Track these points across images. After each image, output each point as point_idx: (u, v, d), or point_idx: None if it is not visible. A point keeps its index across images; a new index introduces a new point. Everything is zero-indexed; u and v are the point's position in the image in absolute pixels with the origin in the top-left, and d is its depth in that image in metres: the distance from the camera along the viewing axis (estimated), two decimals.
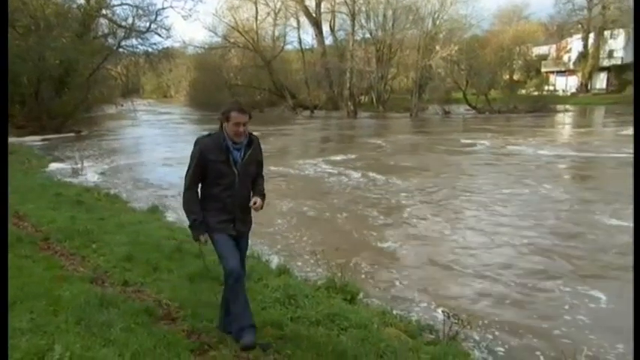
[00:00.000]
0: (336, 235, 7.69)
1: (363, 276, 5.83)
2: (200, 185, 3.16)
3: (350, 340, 3.48)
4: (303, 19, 47.61)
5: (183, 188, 3.15)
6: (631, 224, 7.78)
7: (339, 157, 16.50)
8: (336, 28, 47.04)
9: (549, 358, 4.00)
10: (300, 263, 6.26)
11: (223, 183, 3.07)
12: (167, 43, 33.20)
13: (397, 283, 5.68)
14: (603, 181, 12.48)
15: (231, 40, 47.15)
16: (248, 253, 6.16)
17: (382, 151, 18.76)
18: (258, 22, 47.67)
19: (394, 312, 4.56)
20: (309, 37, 60.58)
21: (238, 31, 45.93)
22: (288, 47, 51.16)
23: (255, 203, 3.13)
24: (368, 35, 44.10)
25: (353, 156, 16.91)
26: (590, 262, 6.36)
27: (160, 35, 29.39)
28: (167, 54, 32.81)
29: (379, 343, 3.45)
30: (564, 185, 11.62)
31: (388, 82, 45.78)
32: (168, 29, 29.44)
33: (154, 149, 19.82)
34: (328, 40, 47.43)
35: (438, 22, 41.66)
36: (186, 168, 3.18)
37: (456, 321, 3.84)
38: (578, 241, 7.27)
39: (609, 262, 6.32)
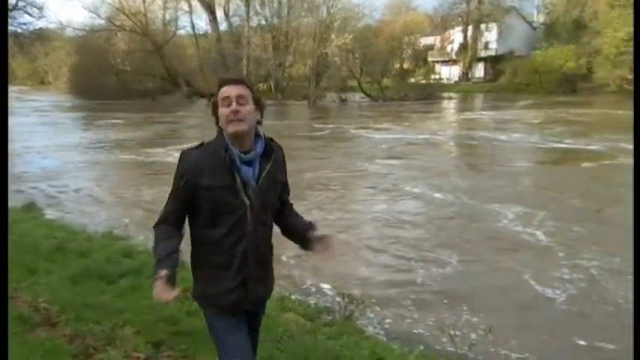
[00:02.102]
0: None
1: None
2: (189, 226, 1.94)
3: None
4: (195, 3, 45.78)
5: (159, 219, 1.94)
6: (435, 193, 9.15)
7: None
8: (230, 13, 45.96)
9: (424, 324, 4.35)
10: None
11: (227, 222, 1.85)
12: (40, 24, 30.17)
13: (292, 265, 5.79)
14: (412, 159, 13.75)
15: (117, 23, 43.91)
16: (142, 249, 5.98)
17: None
18: (147, 4, 44.91)
19: (293, 297, 4.62)
20: (202, 22, 58.55)
21: (124, 13, 42.88)
22: (181, 32, 49.00)
23: (326, 243, 1.92)
24: (263, 22, 43.76)
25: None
26: (445, 234, 7.09)
27: (30, 14, 26.55)
28: (41, 36, 29.84)
29: (277, 328, 3.47)
30: (379, 163, 12.96)
31: (286, 69, 45.85)
32: (40, 8, 26.84)
33: (15, 139, 18.25)
34: (223, 26, 46.25)
35: (332, 11, 42.50)
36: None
37: (351, 301, 4.00)
38: (408, 214, 8.14)
39: (452, 230, 7.17)
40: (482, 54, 51.95)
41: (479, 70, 53.02)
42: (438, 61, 55.57)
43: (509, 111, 28.12)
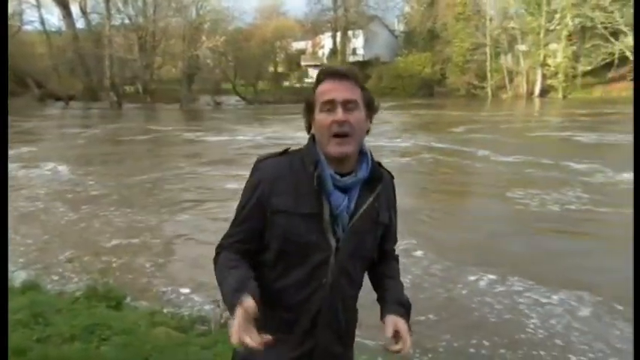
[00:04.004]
0: (73, 235, 7.17)
1: (125, 276, 5.46)
2: (254, 264, 1.42)
3: (112, 349, 3.21)
4: None
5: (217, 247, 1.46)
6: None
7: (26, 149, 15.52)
8: (88, 10, 42.26)
9: None
10: (55, 277, 5.54)
11: (301, 267, 1.37)
12: None
13: (149, 274, 5.55)
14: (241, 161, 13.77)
15: None
16: None
17: (83, 142, 18.56)
18: None
19: (165, 310, 4.40)
20: (54, 18, 53.23)
21: None
22: (28, 28, 43.88)
23: (397, 337, 1.39)
24: (127, 21, 41.07)
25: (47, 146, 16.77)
26: None
27: None
28: None
29: (145, 345, 3.28)
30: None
31: (155, 71, 43.58)
32: None
33: None
34: (79, 23, 42.39)
35: (201, 12, 41.49)
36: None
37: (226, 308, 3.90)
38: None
39: None
40: (351, 59, 54.55)
41: None
42: (310, 65, 57.09)
43: None
